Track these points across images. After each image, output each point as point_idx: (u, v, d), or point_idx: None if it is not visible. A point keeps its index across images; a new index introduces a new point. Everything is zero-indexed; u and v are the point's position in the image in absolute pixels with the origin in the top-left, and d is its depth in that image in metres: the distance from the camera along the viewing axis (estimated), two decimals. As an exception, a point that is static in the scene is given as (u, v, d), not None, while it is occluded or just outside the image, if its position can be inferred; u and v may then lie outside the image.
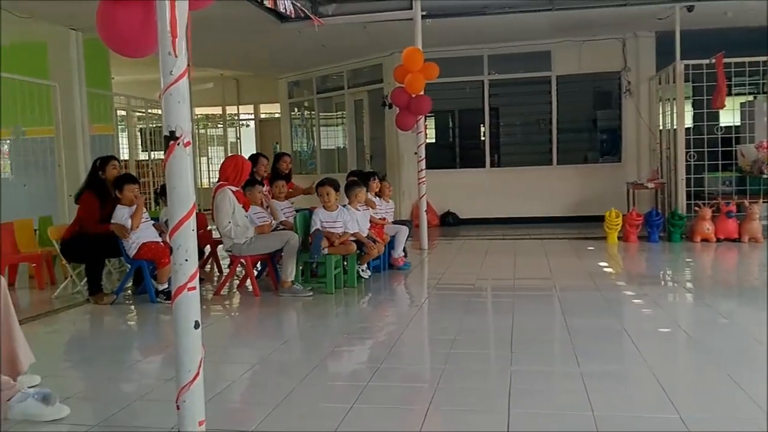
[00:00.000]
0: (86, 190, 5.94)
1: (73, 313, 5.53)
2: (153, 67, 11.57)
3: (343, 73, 12.66)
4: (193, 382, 2.51)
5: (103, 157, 6.27)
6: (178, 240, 2.51)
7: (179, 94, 2.46)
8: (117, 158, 6.48)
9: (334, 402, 3.18)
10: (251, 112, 16.97)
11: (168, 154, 2.48)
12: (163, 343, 4.62)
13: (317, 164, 13.54)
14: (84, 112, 9.12)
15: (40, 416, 2.97)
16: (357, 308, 5.54)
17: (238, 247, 5.80)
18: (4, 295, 3.26)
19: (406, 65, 7.95)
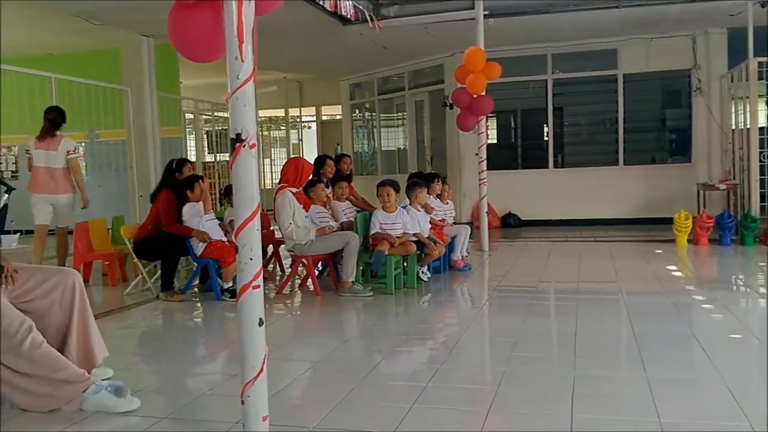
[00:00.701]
0: (164, 189, 6.13)
1: (144, 309, 5.73)
2: (219, 71, 11.88)
3: (404, 74, 12.70)
4: (257, 378, 2.57)
5: (179, 160, 6.52)
6: (244, 239, 2.58)
7: (245, 98, 2.53)
8: (190, 161, 6.74)
9: (394, 402, 3.20)
10: (313, 114, 17.21)
11: (234, 155, 2.55)
12: (228, 339, 4.75)
13: (378, 165, 13.61)
14: (154, 116, 9.45)
15: (112, 408, 3.09)
16: (417, 309, 5.55)
17: (300, 247, 5.89)
18: (80, 291, 3.42)
19: (467, 65, 7.91)
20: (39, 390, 3.08)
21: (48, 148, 6.61)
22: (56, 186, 6.64)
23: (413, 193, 6.42)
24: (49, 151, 6.61)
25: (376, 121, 13.70)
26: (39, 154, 6.62)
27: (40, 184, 6.63)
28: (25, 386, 3.08)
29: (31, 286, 3.33)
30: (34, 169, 6.66)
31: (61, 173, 6.65)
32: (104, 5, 7.53)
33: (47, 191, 6.63)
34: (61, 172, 6.66)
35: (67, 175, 6.70)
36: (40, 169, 6.62)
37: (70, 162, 6.67)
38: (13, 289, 3.25)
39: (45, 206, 6.64)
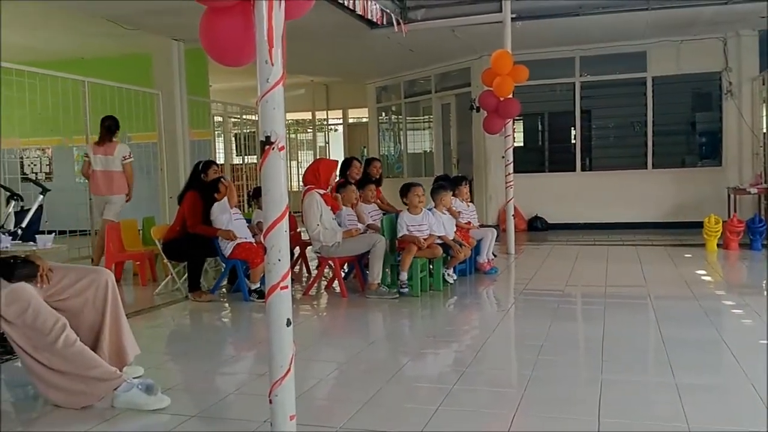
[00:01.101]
0: (189, 190, 6.23)
1: (173, 309, 5.82)
2: (248, 75, 12.00)
3: (431, 77, 12.71)
4: (284, 378, 2.60)
5: (205, 162, 6.60)
6: (272, 240, 2.61)
7: (275, 101, 2.56)
8: (217, 163, 6.80)
9: (420, 404, 3.21)
10: (340, 117, 17.29)
11: (263, 158, 2.59)
12: (255, 339, 4.81)
13: (404, 168, 13.63)
14: (184, 119, 9.57)
15: (143, 405, 3.15)
16: (443, 311, 5.56)
17: (327, 249, 5.93)
18: (112, 290, 3.49)
19: (494, 68, 7.90)
20: (72, 387, 3.15)
21: (105, 153, 7.30)
22: (111, 187, 7.32)
23: (438, 197, 6.44)
24: (106, 156, 7.30)
25: (402, 123, 13.73)
26: (97, 159, 7.30)
27: (97, 186, 7.34)
28: (59, 383, 3.15)
29: (65, 285, 3.42)
30: (93, 172, 7.33)
31: (116, 176, 7.33)
32: (138, 10, 7.66)
33: (103, 192, 7.33)
34: (117, 175, 7.34)
35: (121, 178, 7.37)
36: (98, 173, 7.30)
37: (125, 166, 7.36)
38: (47, 288, 3.35)
39: (101, 206, 7.38)
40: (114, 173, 7.32)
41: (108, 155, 7.30)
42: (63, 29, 9.16)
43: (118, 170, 7.33)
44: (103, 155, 7.30)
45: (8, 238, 3.31)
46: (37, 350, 3.12)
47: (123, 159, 7.35)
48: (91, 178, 7.38)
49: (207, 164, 6.53)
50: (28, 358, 3.14)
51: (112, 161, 7.30)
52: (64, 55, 10.54)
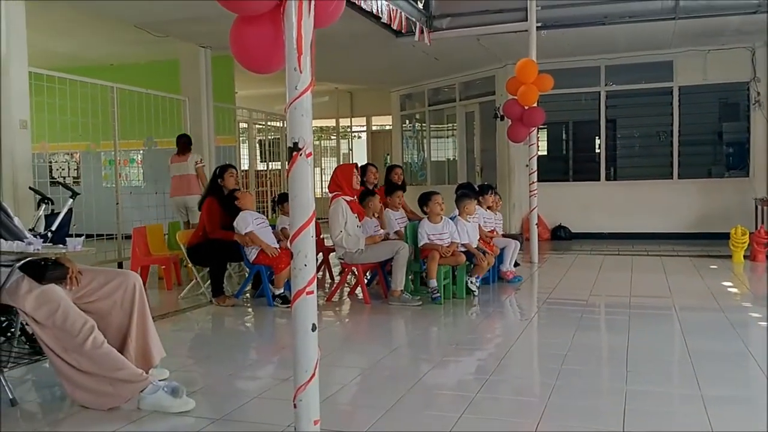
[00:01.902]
0: (208, 197, 6.29)
1: (197, 313, 5.87)
2: (273, 82, 12.11)
3: (455, 86, 12.71)
4: (309, 383, 2.62)
5: (222, 166, 6.62)
6: (299, 246, 2.64)
7: (303, 108, 2.60)
8: (234, 167, 6.77)
9: (443, 411, 3.21)
10: (363, 124, 17.36)
11: (291, 164, 2.62)
12: (279, 345, 4.83)
13: (427, 176, 13.64)
14: (210, 125, 9.69)
15: (168, 408, 3.18)
16: (466, 319, 5.54)
17: (350, 255, 5.95)
18: (140, 293, 3.54)
19: (519, 77, 7.89)
20: (99, 388, 3.20)
21: (180, 161, 8.37)
22: (188, 188, 8.22)
23: (462, 204, 6.43)
24: (180, 163, 8.35)
25: (426, 131, 13.75)
26: (173, 167, 8.39)
27: (174, 188, 8.35)
28: (87, 384, 3.20)
29: (93, 288, 3.47)
30: (172, 178, 8.40)
31: (190, 178, 8.25)
32: (167, 17, 7.79)
33: (180, 194, 8.27)
34: (191, 177, 8.26)
35: (195, 180, 8.25)
36: (175, 178, 8.35)
37: (198, 170, 8.28)
38: (77, 290, 3.40)
39: (178, 207, 8.35)
40: (189, 176, 8.26)
41: (182, 162, 8.32)
42: (93, 36, 9.34)
43: (191, 173, 8.27)
44: (177, 163, 8.35)
45: (39, 241, 3.37)
46: (65, 351, 3.18)
47: (196, 164, 8.26)
48: (171, 183, 8.43)
49: (223, 168, 6.52)
50: (57, 358, 3.20)
51: (185, 167, 8.27)
52: (94, 62, 10.73)
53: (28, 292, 3.21)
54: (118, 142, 8.39)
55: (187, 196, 8.21)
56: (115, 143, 8.36)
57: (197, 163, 8.33)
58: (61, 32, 9.00)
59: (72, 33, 9.18)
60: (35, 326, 3.21)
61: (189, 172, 8.28)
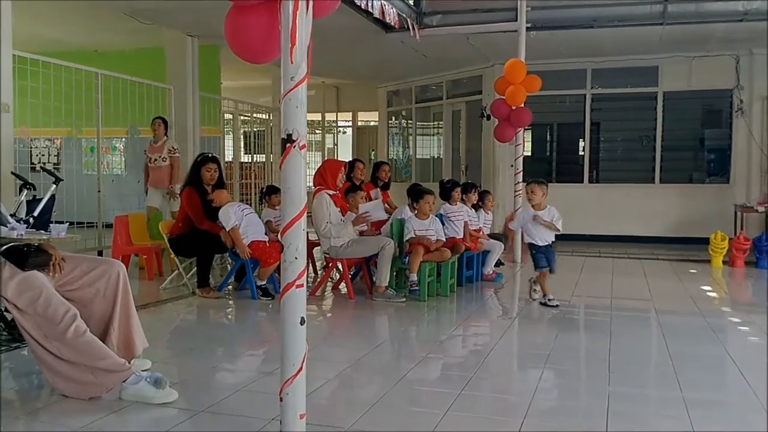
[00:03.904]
0: (187, 186, 6.18)
1: (179, 304, 5.82)
2: (259, 74, 12.00)
3: (443, 84, 12.72)
4: (296, 376, 2.60)
5: (203, 156, 6.31)
6: (290, 238, 2.62)
7: (298, 99, 2.57)
8: (215, 160, 6.32)
9: (428, 408, 3.21)
10: (349, 120, 17.32)
11: (284, 155, 2.60)
12: (263, 338, 4.81)
13: (412, 173, 13.64)
14: (195, 115, 9.60)
15: (151, 398, 3.15)
16: (449, 317, 5.55)
17: (335, 249, 5.93)
18: (123, 283, 3.50)
19: (507, 77, 7.90)
20: (81, 377, 3.15)
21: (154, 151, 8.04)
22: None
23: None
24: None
25: (412, 128, 13.74)
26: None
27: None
28: (68, 373, 3.15)
29: (76, 275, 3.42)
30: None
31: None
32: (156, 5, 7.69)
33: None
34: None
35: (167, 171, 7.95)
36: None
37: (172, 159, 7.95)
38: (59, 278, 3.35)
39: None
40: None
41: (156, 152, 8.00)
42: (79, 22, 9.21)
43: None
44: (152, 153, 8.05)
45: (23, 226, 3.32)
46: (47, 339, 3.13)
47: (170, 152, 7.96)
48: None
49: (204, 161, 6.21)
50: (38, 346, 3.15)
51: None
52: (79, 47, 10.58)
53: (10, 278, 3.15)
54: (101, 129, 8.28)
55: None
56: (99, 130, 8.24)
57: (171, 152, 7.96)
58: (47, 17, 8.86)
59: (58, 18, 9.04)
60: (16, 313, 3.15)
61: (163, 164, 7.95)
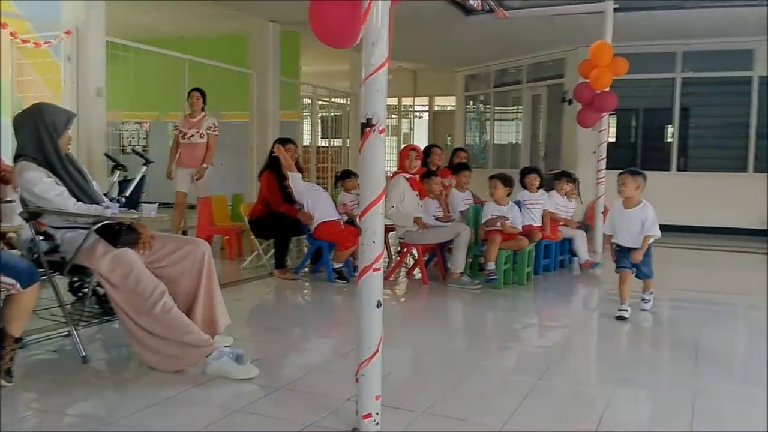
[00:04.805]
0: (266, 170, 6.32)
1: (258, 284, 5.97)
2: (338, 59, 12.04)
3: (523, 67, 12.45)
4: (372, 359, 2.63)
5: (278, 139, 6.56)
6: (368, 222, 2.63)
7: (378, 84, 2.57)
8: (294, 142, 6.58)
9: (503, 396, 3.18)
10: (426, 104, 17.24)
11: (363, 140, 2.60)
12: (338, 320, 4.88)
13: (489, 159, 13.47)
14: (275, 100, 9.77)
15: (232, 374, 3.25)
16: (525, 305, 5.47)
17: (410, 234, 5.94)
18: (208, 262, 3.62)
19: (593, 60, 7.65)
20: (167, 351, 3.29)
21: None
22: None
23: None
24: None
25: (490, 113, 13.55)
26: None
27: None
28: (155, 346, 3.29)
29: (164, 253, 3.57)
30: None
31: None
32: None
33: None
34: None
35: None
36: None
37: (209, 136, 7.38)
38: (149, 255, 3.50)
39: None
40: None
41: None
42: (167, 8, 9.50)
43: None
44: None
45: (116, 206, 3.47)
46: (137, 313, 3.27)
47: (209, 129, 7.33)
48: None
49: (280, 142, 6.39)
50: (128, 320, 3.30)
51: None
52: (166, 34, 10.93)
53: (104, 255, 3.32)
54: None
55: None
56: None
57: (211, 128, 7.34)
58: (137, 4, 9.20)
59: (148, 5, 9.36)
60: (109, 288, 3.31)
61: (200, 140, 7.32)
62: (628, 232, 4.82)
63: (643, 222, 4.75)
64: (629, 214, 4.81)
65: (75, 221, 3.46)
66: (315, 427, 2.71)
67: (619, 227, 4.91)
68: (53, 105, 3.78)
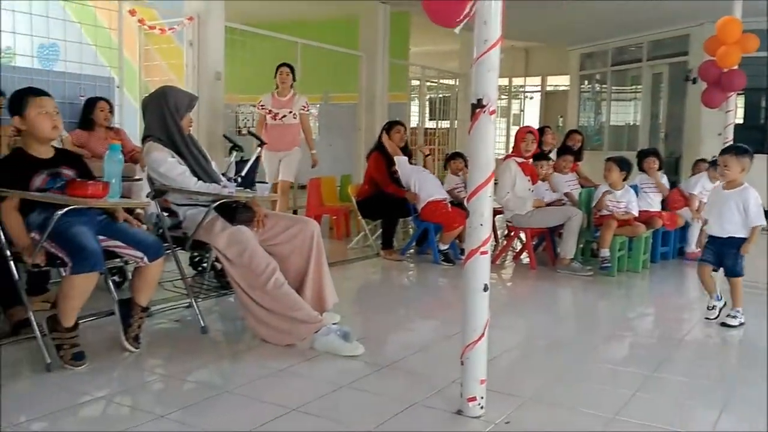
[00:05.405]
0: (374, 151, 6.40)
1: (364, 264, 6.07)
2: (447, 38, 11.87)
3: (643, 45, 11.84)
4: (477, 342, 2.61)
5: (391, 122, 6.63)
6: (475, 205, 2.59)
7: (490, 63, 2.52)
8: (403, 123, 6.63)
9: (613, 386, 3.08)
10: (537, 84, 16.78)
11: (473, 121, 2.57)
12: (443, 302, 4.88)
13: (604, 140, 12.95)
14: (384, 81, 9.83)
15: (340, 350, 3.33)
16: (640, 294, 5.25)
17: (518, 218, 5.83)
18: (318, 241, 3.72)
19: (720, 37, 7.15)
20: (279, 325, 3.41)
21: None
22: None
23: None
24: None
25: (606, 93, 13.00)
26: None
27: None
28: (268, 320, 3.43)
29: (277, 232, 3.70)
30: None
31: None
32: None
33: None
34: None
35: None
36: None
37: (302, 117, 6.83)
38: (262, 233, 3.64)
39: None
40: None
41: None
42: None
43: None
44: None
45: (233, 185, 3.63)
46: (251, 288, 3.42)
47: (302, 108, 6.80)
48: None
49: (391, 125, 6.49)
50: (243, 294, 3.45)
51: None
52: (281, 18, 11.22)
53: (221, 231, 3.48)
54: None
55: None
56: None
57: (304, 108, 6.78)
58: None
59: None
60: (226, 263, 3.47)
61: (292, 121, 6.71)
62: (720, 217, 4.12)
63: (740, 207, 4.05)
64: (725, 195, 4.14)
65: (196, 199, 3.65)
66: (420, 406, 2.73)
67: (710, 212, 4.29)
68: (177, 88, 3.99)
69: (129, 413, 2.70)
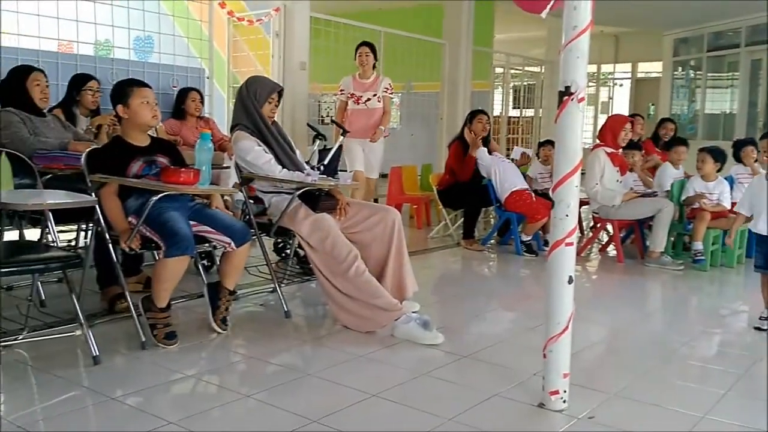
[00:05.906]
0: (455, 141, 6.34)
1: (444, 254, 6.05)
2: (533, 25, 11.68)
3: (741, 30, 11.21)
4: (561, 335, 2.56)
5: (473, 111, 6.48)
6: (561, 194, 2.53)
7: (579, 50, 2.44)
8: (485, 113, 6.39)
9: (702, 385, 2.96)
10: (628, 71, 16.19)
11: (561, 109, 2.50)
12: (525, 293, 4.81)
13: (698, 129, 12.37)
14: (468, 69, 9.73)
15: (419, 339, 3.33)
16: (734, 290, 5.01)
17: (606, 210, 5.65)
18: (398, 229, 3.74)
19: (829, 17, 6.69)
20: (359, 312, 3.46)
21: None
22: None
23: None
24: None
25: (701, 80, 12.40)
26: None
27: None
28: (349, 307, 3.48)
29: (358, 220, 3.74)
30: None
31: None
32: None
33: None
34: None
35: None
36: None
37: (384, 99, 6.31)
38: (344, 221, 3.69)
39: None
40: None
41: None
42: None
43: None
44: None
45: (316, 173, 3.69)
46: (332, 275, 3.48)
47: (385, 91, 6.28)
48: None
49: (473, 114, 6.37)
50: (325, 281, 3.52)
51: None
52: (365, 7, 11.30)
53: (304, 218, 3.56)
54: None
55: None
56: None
57: (387, 90, 6.26)
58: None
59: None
60: (309, 249, 3.55)
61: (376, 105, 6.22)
62: (765, 212, 3.61)
63: None
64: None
65: (281, 187, 3.74)
66: (500, 397, 2.71)
67: (755, 205, 3.75)
68: (261, 77, 4.09)
69: (216, 392, 2.81)
